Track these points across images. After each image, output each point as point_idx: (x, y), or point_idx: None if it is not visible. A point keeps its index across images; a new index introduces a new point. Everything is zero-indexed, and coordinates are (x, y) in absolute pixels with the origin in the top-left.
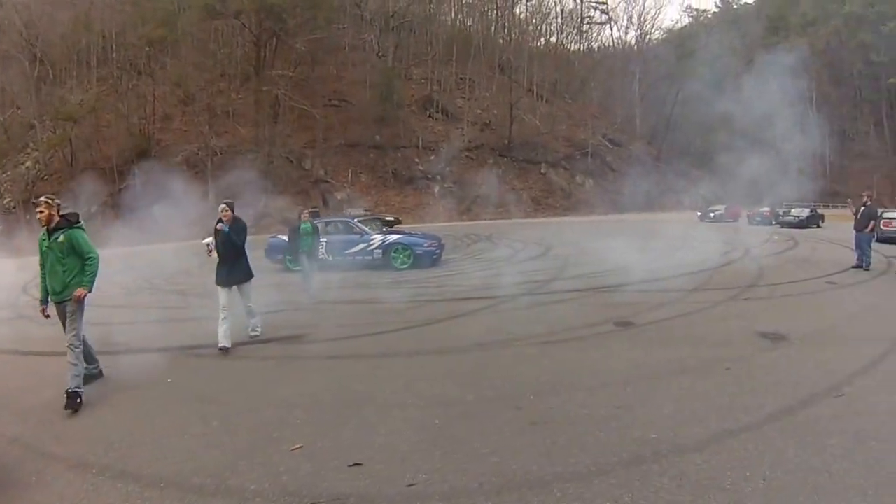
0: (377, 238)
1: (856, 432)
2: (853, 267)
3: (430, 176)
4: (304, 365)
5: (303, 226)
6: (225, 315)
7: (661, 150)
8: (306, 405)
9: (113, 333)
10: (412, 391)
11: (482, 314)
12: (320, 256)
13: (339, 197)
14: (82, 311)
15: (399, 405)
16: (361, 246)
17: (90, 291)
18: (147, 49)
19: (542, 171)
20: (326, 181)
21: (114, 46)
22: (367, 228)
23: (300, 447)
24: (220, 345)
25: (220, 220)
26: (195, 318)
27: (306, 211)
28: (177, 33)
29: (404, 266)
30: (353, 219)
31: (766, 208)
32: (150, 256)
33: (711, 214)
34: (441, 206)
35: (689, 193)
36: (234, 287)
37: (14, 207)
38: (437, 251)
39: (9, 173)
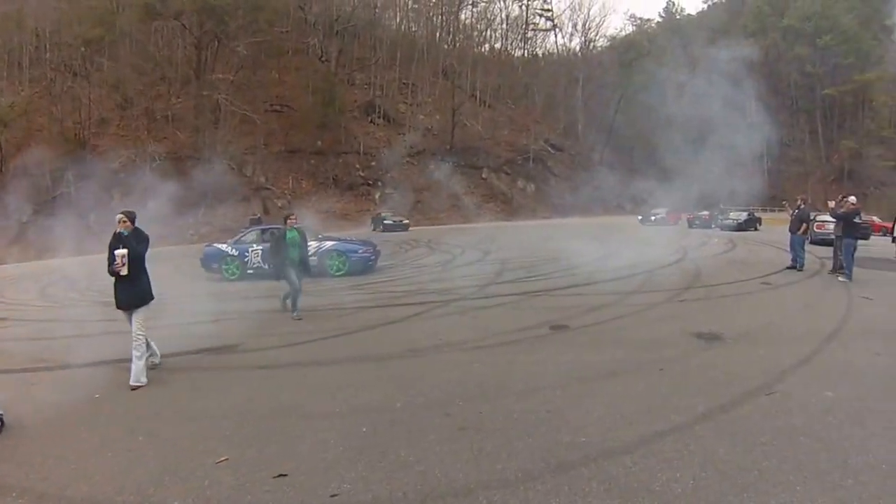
0: (311, 245)
1: (786, 429)
2: (787, 268)
3: (370, 182)
4: (234, 376)
5: (289, 234)
6: (138, 343)
7: (603, 155)
8: (234, 417)
9: (41, 349)
10: (340, 399)
11: (416, 320)
12: (256, 264)
13: (279, 204)
14: None
15: (326, 414)
16: None
17: None
18: (83, 49)
19: (484, 175)
20: (267, 188)
21: (47, 46)
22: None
23: (226, 459)
24: (131, 382)
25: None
26: (127, 331)
27: (292, 216)
28: (114, 33)
29: (339, 273)
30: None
31: (706, 212)
32: (84, 267)
33: (652, 218)
34: (381, 211)
35: (630, 198)
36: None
37: None
38: (373, 257)
39: None
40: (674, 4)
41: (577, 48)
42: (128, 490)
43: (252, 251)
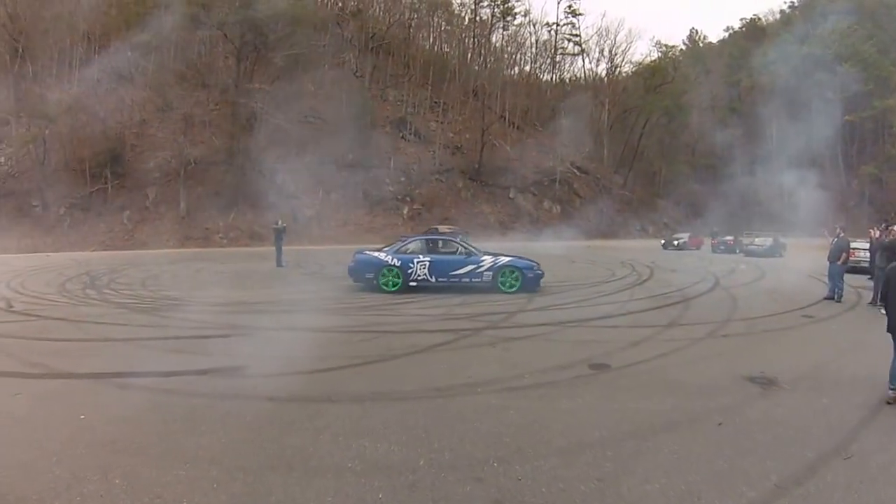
0: (487, 259)
1: None
2: (825, 298)
3: (399, 197)
4: (234, 407)
5: None
6: None
7: (627, 178)
8: (226, 462)
9: (40, 351)
10: (353, 450)
11: (441, 350)
12: (422, 276)
13: (308, 213)
14: None
15: (335, 469)
16: (470, 268)
17: None
18: (129, 54)
19: (511, 195)
20: (297, 197)
21: (97, 48)
22: (474, 248)
23: None
24: None
25: None
26: (136, 339)
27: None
28: (159, 40)
29: (512, 290)
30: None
31: (730, 237)
32: (109, 262)
33: (675, 242)
34: (409, 227)
35: (652, 221)
36: None
37: None
38: (542, 274)
39: None
40: (697, 32)
41: (604, 73)
42: None
43: (418, 262)
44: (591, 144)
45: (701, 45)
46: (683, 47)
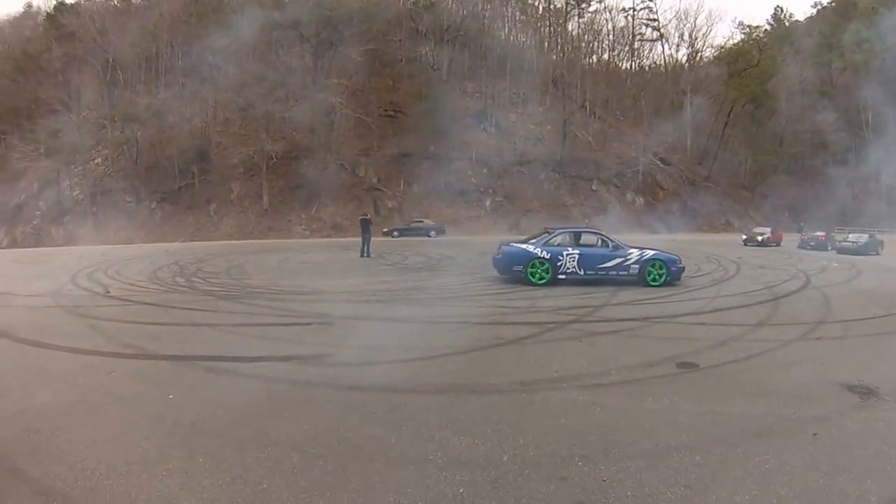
0: (634, 253)
1: None
2: None
3: (481, 189)
4: (317, 394)
5: None
6: None
7: (711, 170)
8: (307, 448)
9: (134, 333)
10: (436, 442)
11: (526, 343)
12: (570, 269)
13: (390, 205)
14: None
15: (417, 461)
16: (617, 261)
17: None
18: (210, 58)
19: (594, 187)
20: (379, 189)
21: (180, 54)
22: (620, 242)
23: None
24: None
25: None
26: (221, 325)
27: None
28: (238, 43)
29: (657, 283)
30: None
31: (821, 232)
32: (198, 253)
33: (759, 238)
34: (492, 219)
35: (739, 215)
36: None
37: (83, 200)
38: (684, 268)
39: (80, 169)
40: (782, 10)
41: (684, 59)
42: None
43: (567, 255)
44: (674, 134)
45: (787, 24)
46: (768, 27)
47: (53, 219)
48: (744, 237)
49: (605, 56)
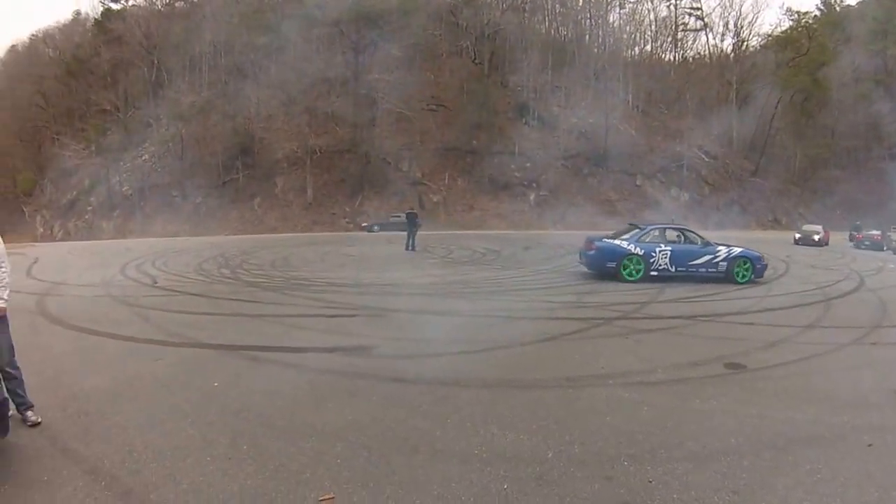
0: (722, 250)
1: None
2: None
3: (525, 183)
4: (361, 386)
5: None
6: None
7: (759, 164)
8: (351, 440)
9: (179, 322)
10: (481, 436)
11: (572, 339)
12: (662, 266)
13: (435, 199)
14: None
15: (461, 455)
16: (707, 258)
17: None
18: (252, 55)
19: (638, 182)
20: (423, 183)
21: (222, 53)
22: (708, 239)
23: (331, 498)
24: None
25: None
26: (266, 316)
27: None
28: (280, 40)
29: (744, 280)
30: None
31: (876, 231)
32: (241, 245)
33: (815, 238)
34: (536, 213)
35: (787, 212)
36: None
37: (131, 195)
38: (766, 266)
39: (128, 165)
40: None
41: (730, 49)
42: None
43: (660, 251)
44: (719, 127)
45: (838, 9)
46: (818, 13)
47: (104, 213)
48: (797, 236)
49: (648, 47)
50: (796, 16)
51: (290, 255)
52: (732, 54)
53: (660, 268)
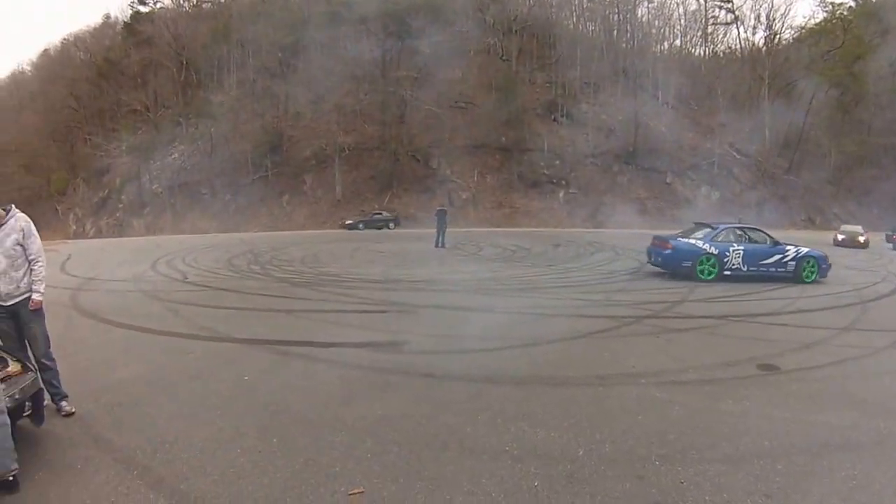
0: (791, 249)
1: None
2: None
3: (555, 181)
4: (391, 381)
5: None
6: None
7: (793, 161)
8: (382, 434)
9: (209, 317)
10: (512, 433)
11: (603, 337)
12: (735, 266)
13: (464, 196)
14: None
15: (492, 452)
16: (777, 257)
17: None
18: (279, 54)
19: (668, 180)
20: (452, 180)
21: (250, 53)
22: (777, 238)
23: (361, 492)
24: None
25: None
26: (296, 311)
27: None
28: (306, 39)
29: (810, 279)
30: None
31: None
32: (270, 242)
33: (860, 239)
34: (565, 211)
35: (821, 211)
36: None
37: (161, 193)
38: (831, 266)
39: (158, 163)
40: None
41: (761, 42)
42: (242, 500)
43: (733, 251)
44: (751, 124)
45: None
46: (853, 5)
47: (134, 211)
48: (839, 237)
49: (677, 42)
50: (830, 7)
51: (319, 251)
52: (764, 48)
53: (733, 267)
